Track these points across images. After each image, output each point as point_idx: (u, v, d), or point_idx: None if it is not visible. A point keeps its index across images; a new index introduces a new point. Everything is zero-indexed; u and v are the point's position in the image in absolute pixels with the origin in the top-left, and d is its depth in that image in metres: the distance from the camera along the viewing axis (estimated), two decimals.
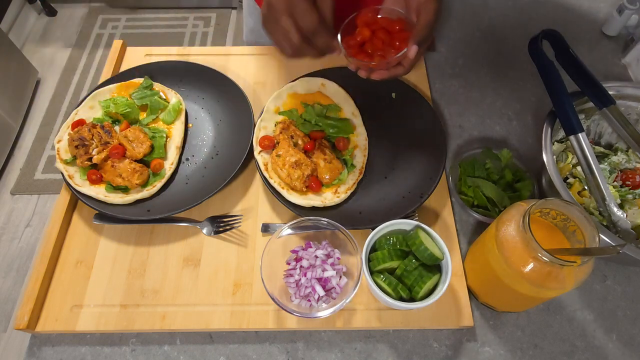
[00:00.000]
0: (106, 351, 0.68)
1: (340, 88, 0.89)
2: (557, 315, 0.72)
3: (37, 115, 2.31)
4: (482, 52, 1.03)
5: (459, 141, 0.89)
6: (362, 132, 0.85)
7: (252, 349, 0.68)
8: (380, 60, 0.66)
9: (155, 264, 0.74)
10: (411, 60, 0.66)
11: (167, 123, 0.85)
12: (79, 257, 0.75)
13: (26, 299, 0.69)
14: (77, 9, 2.79)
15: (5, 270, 1.87)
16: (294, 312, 0.63)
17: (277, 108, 0.86)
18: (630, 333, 0.71)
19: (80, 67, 2.51)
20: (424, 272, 0.64)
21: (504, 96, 0.96)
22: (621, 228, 0.67)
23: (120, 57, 0.99)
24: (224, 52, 1.00)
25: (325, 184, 0.78)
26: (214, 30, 2.68)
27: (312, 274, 0.66)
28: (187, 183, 0.80)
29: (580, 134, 0.71)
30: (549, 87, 0.75)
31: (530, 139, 0.90)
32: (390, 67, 0.67)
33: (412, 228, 0.67)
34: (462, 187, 0.80)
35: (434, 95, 0.95)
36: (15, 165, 2.16)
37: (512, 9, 1.11)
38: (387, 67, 0.67)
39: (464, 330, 0.70)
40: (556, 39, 0.78)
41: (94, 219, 0.77)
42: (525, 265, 0.55)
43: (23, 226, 1.99)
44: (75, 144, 0.77)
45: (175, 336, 0.70)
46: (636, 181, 0.77)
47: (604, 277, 0.75)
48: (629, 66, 1.00)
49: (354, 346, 0.69)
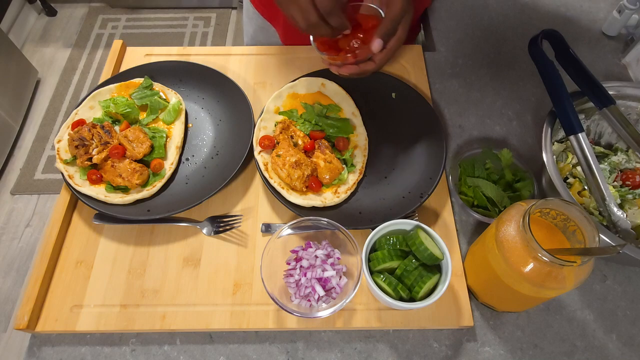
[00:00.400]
0: (106, 351, 0.68)
1: (340, 88, 0.89)
2: (557, 315, 0.72)
3: (37, 115, 2.31)
4: (482, 52, 1.03)
5: (459, 141, 0.89)
6: (362, 132, 0.85)
7: (252, 349, 0.68)
8: (345, 55, 0.66)
9: (155, 264, 0.74)
10: (381, 56, 0.65)
11: (167, 123, 0.85)
12: (79, 257, 0.75)
13: (26, 299, 0.69)
14: (77, 9, 2.79)
15: (5, 270, 1.87)
16: (294, 312, 0.63)
17: (277, 108, 0.86)
18: (630, 333, 0.71)
19: (80, 67, 2.51)
20: (424, 272, 0.64)
21: (504, 96, 0.96)
22: (621, 228, 0.67)
23: (120, 57, 0.99)
24: (224, 52, 1.00)
25: (325, 184, 0.78)
26: (214, 30, 2.68)
27: (312, 274, 0.66)
28: (187, 183, 0.80)
29: (580, 134, 0.71)
30: (549, 87, 0.75)
31: (530, 139, 0.90)
32: (359, 62, 0.67)
33: (412, 228, 0.67)
34: (462, 187, 0.80)
35: (434, 95, 0.95)
36: (15, 165, 2.16)
37: (512, 9, 1.11)
38: (356, 62, 0.67)
39: (464, 330, 0.70)
40: (556, 39, 0.78)
41: (94, 219, 0.77)
42: (525, 265, 0.55)
43: (23, 226, 1.99)
44: (75, 144, 0.77)
45: (175, 336, 0.70)
46: (636, 181, 0.77)
47: (604, 277, 0.75)
48: (629, 66, 1.00)
49: (354, 346, 0.69)
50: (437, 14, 1.10)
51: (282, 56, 0.99)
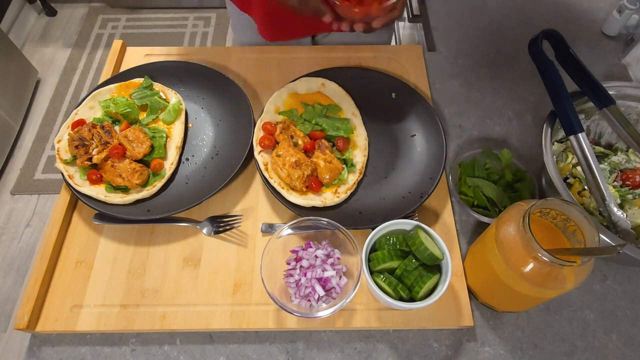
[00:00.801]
0: (106, 351, 0.68)
1: (340, 88, 0.89)
2: (557, 315, 0.72)
3: (37, 115, 2.31)
4: (482, 52, 1.03)
5: (459, 141, 0.89)
6: (362, 132, 0.85)
7: (252, 349, 0.68)
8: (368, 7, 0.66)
9: (155, 264, 0.74)
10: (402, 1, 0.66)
11: (167, 123, 0.85)
12: (79, 257, 0.75)
13: (26, 299, 0.69)
14: (77, 9, 2.79)
15: (5, 270, 1.87)
16: (294, 312, 0.63)
17: (277, 108, 0.86)
18: (630, 333, 0.71)
19: (80, 67, 2.51)
20: (424, 272, 0.64)
21: (504, 96, 0.96)
22: (621, 228, 0.67)
23: (120, 57, 0.99)
24: (224, 52, 1.00)
25: (325, 184, 0.78)
26: (214, 30, 2.68)
27: (312, 274, 0.66)
28: (187, 183, 0.80)
29: (580, 134, 0.71)
30: (549, 87, 0.75)
31: (530, 139, 0.89)
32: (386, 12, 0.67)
33: (412, 228, 0.67)
34: (462, 187, 0.80)
35: (434, 95, 0.95)
36: (15, 165, 2.15)
37: (512, 9, 1.11)
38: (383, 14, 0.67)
39: (464, 330, 0.70)
40: (556, 39, 0.78)
41: (94, 219, 0.77)
42: (525, 265, 0.55)
43: (23, 226, 1.99)
44: (75, 144, 0.77)
45: (175, 336, 0.70)
46: (636, 181, 0.77)
47: (604, 277, 0.75)
48: (629, 66, 1.00)
49: (354, 346, 0.69)
50: (437, 14, 1.10)
51: (282, 56, 0.99)
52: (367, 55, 0.99)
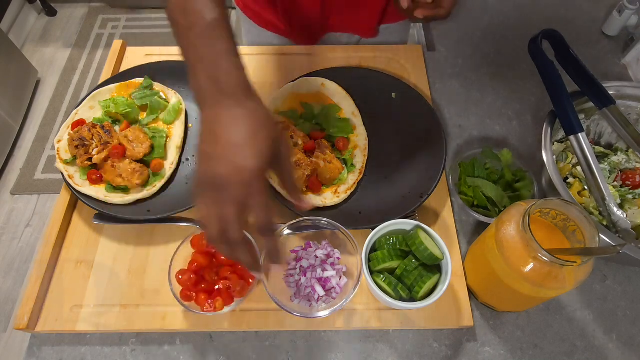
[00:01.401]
0: (106, 351, 0.68)
1: (340, 88, 0.89)
2: (557, 315, 0.72)
3: (37, 115, 2.31)
4: (482, 52, 1.03)
5: (459, 141, 0.89)
6: (362, 132, 0.85)
7: (252, 349, 0.68)
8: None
9: (155, 264, 0.74)
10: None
11: (167, 123, 0.85)
12: (79, 257, 0.75)
13: (26, 299, 0.69)
14: (77, 9, 2.79)
15: (5, 270, 1.87)
16: (294, 312, 0.63)
17: (277, 108, 0.86)
18: (630, 333, 0.71)
19: (80, 67, 2.51)
20: (424, 272, 0.64)
21: (504, 96, 0.96)
22: (621, 228, 0.67)
23: (120, 57, 0.99)
24: None
25: (325, 184, 0.78)
26: None
27: (312, 274, 0.66)
28: (187, 183, 0.80)
29: (580, 134, 0.71)
30: (549, 87, 0.75)
31: (530, 139, 0.89)
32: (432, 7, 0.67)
33: (412, 228, 0.67)
34: (462, 187, 0.80)
35: (434, 95, 0.95)
36: (15, 165, 2.15)
37: (512, 9, 1.11)
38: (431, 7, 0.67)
39: (464, 330, 0.70)
40: (556, 39, 0.78)
41: (94, 219, 0.77)
42: (525, 265, 0.55)
43: (23, 226, 1.99)
44: (75, 144, 0.77)
45: (175, 336, 0.70)
46: (636, 181, 0.77)
47: (604, 277, 0.75)
48: (629, 66, 1.00)
49: (354, 346, 0.69)
50: None
51: (282, 56, 0.99)
52: (367, 55, 0.99)
